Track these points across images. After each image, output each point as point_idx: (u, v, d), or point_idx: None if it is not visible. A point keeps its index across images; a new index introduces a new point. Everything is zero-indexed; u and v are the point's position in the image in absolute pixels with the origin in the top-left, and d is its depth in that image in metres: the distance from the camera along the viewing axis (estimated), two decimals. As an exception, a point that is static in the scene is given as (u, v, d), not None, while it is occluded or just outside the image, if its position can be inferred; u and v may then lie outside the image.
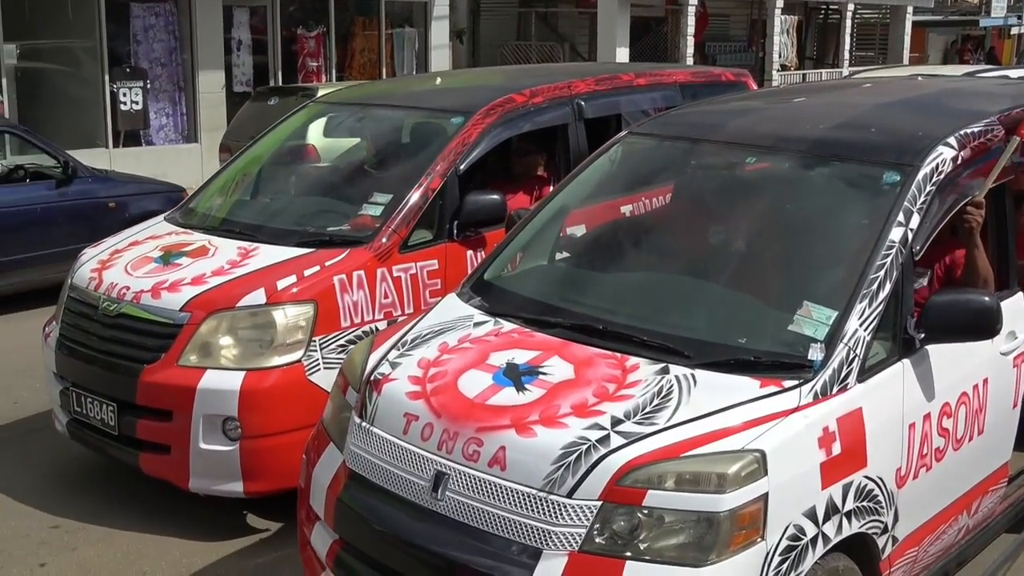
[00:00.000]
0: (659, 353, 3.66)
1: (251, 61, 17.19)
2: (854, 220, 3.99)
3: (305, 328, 5.09)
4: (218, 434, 5.02)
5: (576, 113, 6.38)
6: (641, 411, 3.38)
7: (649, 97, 6.72)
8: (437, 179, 5.67)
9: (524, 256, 4.63)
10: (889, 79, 6.67)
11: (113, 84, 15.25)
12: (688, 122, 4.83)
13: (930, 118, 4.46)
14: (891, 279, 3.72)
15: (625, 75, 6.95)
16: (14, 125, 11.16)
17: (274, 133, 6.93)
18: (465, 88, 6.94)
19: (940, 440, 3.92)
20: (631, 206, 4.80)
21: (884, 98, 4.98)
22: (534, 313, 4.02)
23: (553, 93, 6.35)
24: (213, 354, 5.09)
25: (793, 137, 4.34)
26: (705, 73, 7.67)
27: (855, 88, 5.76)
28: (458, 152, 5.77)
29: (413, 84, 7.82)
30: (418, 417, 3.57)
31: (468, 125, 5.87)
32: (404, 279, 5.46)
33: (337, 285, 5.23)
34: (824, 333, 3.60)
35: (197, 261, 5.49)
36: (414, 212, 5.57)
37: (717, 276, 4.10)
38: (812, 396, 3.45)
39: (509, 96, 6.15)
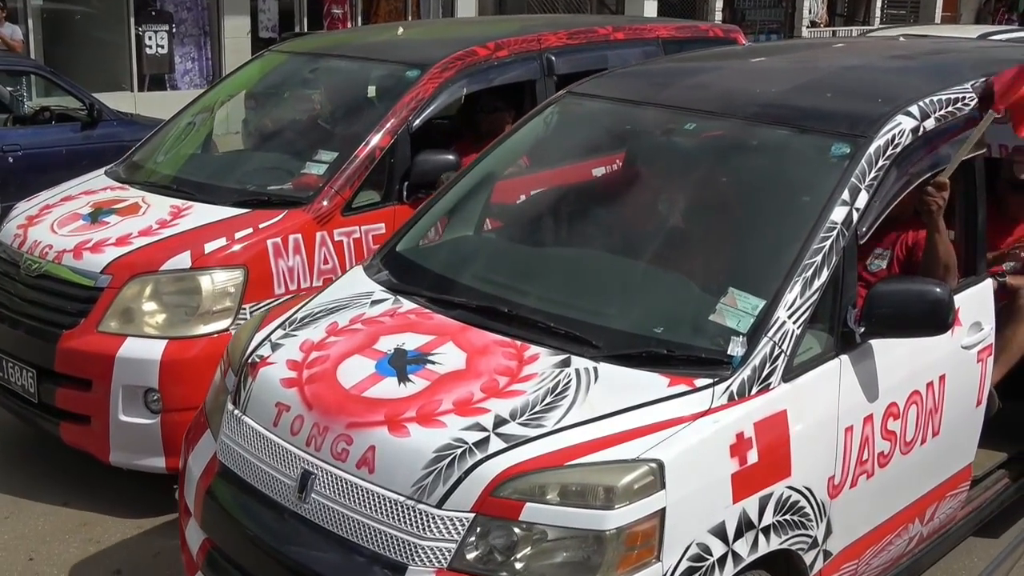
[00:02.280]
0: (566, 342, 3.28)
1: (277, 7, 16.94)
2: (795, 197, 3.57)
3: (234, 295, 4.76)
4: (139, 406, 4.71)
5: (545, 68, 5.95)
6: (529, 410, 3.01)
7: (627, 53, 6.23)
8: (387, 136, 5.28)
9: (449, 225, 4.23)
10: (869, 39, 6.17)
11: (139, 27, 15.15)
12: (631, 82, 4.39)
13: (895, 83, 4.01)
14: (829, 265, 3.31)
15: (602, 28, 6.49)
16: (40, 66, 11.07)
17: (228, 82, 6.54)
18: (427, 40, 6.49)
19: (885, 444, 3.52)
20: (560, 174, 4.38)
21: (852, 60, 4.52)
22: (439, 291, 3.64)
23: (520, 47, 5.92)
24: (135, 320, 4.77)
25: (739, 102, 3.91)
26: (691, 28, 7.17)
27: (825, 48, 5.30)
28: (412, 108, 5.38)
29: (375, 34, 7.36)
30: (290, 407, 3.22)
31: (424, 79, 5.47)
32: (346, 243, 5.09)
33: (271, 249, 4.87)
34: (748, 325, 3.21)
35: (125, 220, 5.14)
36: (359, 172, 5.18)
37: (641, 257, 3.69)
38: (727, 397, 3.06)
39: (471, 49, 5.73)
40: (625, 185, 4.08)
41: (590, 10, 22.30)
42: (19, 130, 9.38)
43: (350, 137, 5.39)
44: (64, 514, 4.90)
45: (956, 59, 4.56)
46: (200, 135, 6.15)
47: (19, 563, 4.52)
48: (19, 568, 4.49)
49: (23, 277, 5.07)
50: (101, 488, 5.06)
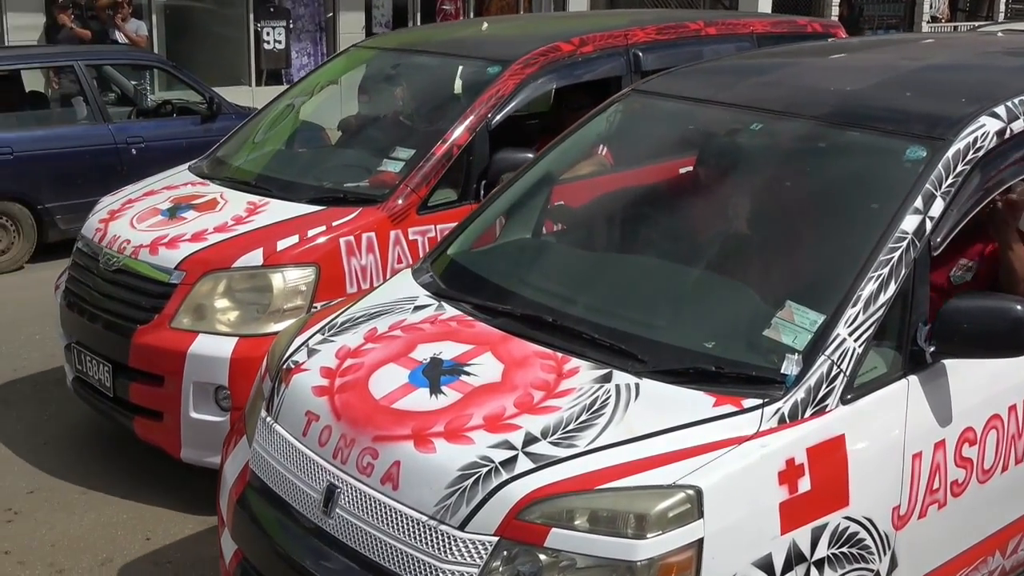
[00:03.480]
0: (610, 356, 3.10)
1: (391, 3, 17.04)
2: (864, 204, 3.32)
3: (305, 293, 4.70)
4: (210, 403, 4.69)
5: (632, 64, 5.77)
6: (563, 428, 2.84)
7: (720, 49, 6.01)
8: (466, 134, 5.16)
9: (505, 228, 4.08)
10: (965, 35, 5.81)
11: (257, 23, 15.37)
12: (699, 79, 4.17)
13: (982, 82, 3.72)
14: (897, 278, 3.06)
15: (693, 24, 6.26)
16: (163, 60, 11.34)
17: (313, 78, 6.50)
18: (511, 36, 6.37)
19: (959, 472, 3.25)
20: (621, 176, 4.18)
21: (939, 57, 4.22)
22: (484, 298, 3.49)
23: (606, 42, 5.75)
24: (207, 317, 4.75)
25: (810, 101, 3.67)
26: (788, 23, 6.89)
27: (914, 44, 4.98)
28: (491, 105, 5.25)
29: (459, 30, 7.27)
30: (319, 417, 3.11)
31: (505, 75, 5.34)
32: (421, 242, 4.99)
33: (343, 247, 4.80)
34: (805, 342, 2.98)
35: (203, 215, 5.13)
36: (436, 169, 5.09)
37: (698, 265, 3.48)
38: (777, 420, 2.84)
39: (555, 45, 5.58)
40: (685, 189, 3.87)
41: (703, 5, 21.96)
42: (142, 123, 9.61)
43: (428, 134, 5.31)
44: (127, 508, 4.91)
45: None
46: (282, 131, 6.12)
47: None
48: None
49: (101, 271, 5.10)
50: (167, 484, 5.07)
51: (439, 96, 5.83)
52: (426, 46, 6.32)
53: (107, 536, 4.68)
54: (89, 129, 9.08)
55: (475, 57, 5.71)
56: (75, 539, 4.66)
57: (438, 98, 5.83)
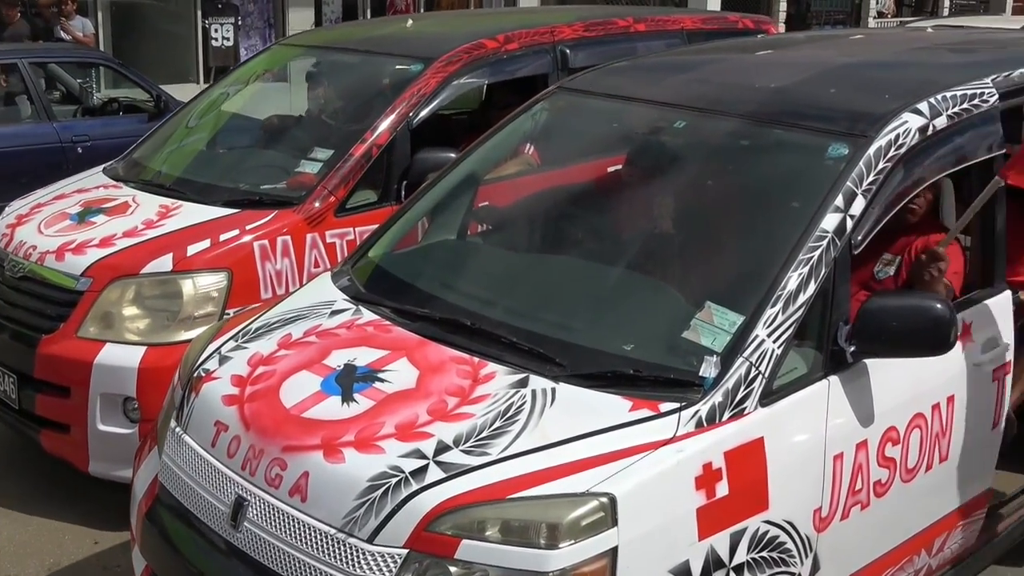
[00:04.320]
0: (528, 360, 3.03)
1: (341, 1, 16.90)
2: (785, 203, 3.28)
3: (217, 299, 4.56)
4: (118, 415, 4.53)
5: (559, 62, 5.67)
6: (476, 435, 2.77)
7: (649, 46, 5.93)
8: (385, 133, 5.05)
9: (429, 229, 4.00)
10: (893, 31, 5.82)
11: (205, 20, 15.21)
12: (625, 77, 4.11)
13: (906, 78, 3.69)
14: (817, 278, 3.02)
15: (622, 20, 6.19)
16: (109, 58, 11.13)
17: (234, 76, 6.35)
18: (435, 33, 6.25)
19: (882, 472, 3.22)
20: (546, 175, 4.12)
21: (866, 53, 4.20)
22: (403, 302, 3.41)
23: (532, 39, 5.65)
24: (115, 326, 4.59)
25: (734, 98, 3.62)
26: (719, 19, 6.86)
27: (843, 40, 4.96)
28: (413, 103, 5.14)
29: (383, 27, 7.11)
30: (228, 427, 3.02)
31: (427, 73, 5.22)
32: (339, 246, 4.86)
33: (257, 251, 4.66)
34: (724, 344, 2.94)
35: (113, 220, 4.96)
36: (355, 170, 4.95)
37: (620, 266, 3.43)
38: (694, 424, 2.79)
39: (479, 42, 5.48)
40: (609, 188, 3.81)
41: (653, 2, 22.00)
42: (88, 121, 9.39)
43: (348, 134, 5.18)
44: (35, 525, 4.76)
45: (980, 52, 4.22)
46: (200, 131, 5.95)
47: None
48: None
49: (6, 278, 4.93)
50: (75, 499, 4.91)
51: (360, 95, 5.73)
52: (349, 44, 6.20)
53: (54, 541, 4.55)
54: (34, 128, 8.87)
55: (397, 55, 5.59)
56: (21, 544, 4.53)
57: (359, 97, 5.73)
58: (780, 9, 21.81)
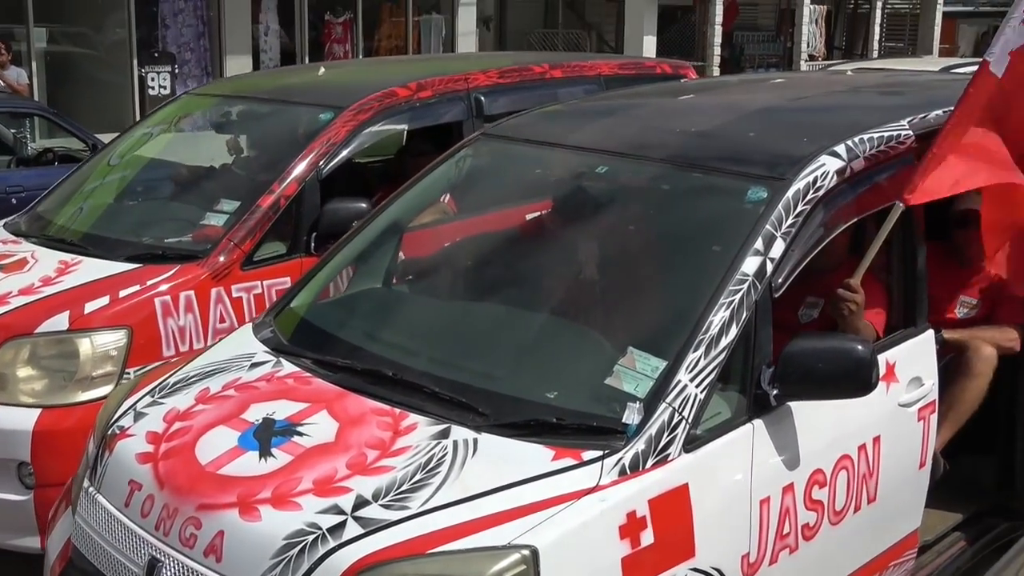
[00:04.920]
0: (450, 410, 2.98)
1: (279, 46, 16.92)
2: (705, 247, 3.28)
3: (117, 358, 4.39)
4: (12, 480, 4.31)
5: (473, 109, 5.64)
6: (395, 490, 2.71)
7: (566, 92, 5.88)
8: (294, 184, 4.94)
9: (352, 278, 3.95)
10: (815, 74, 5.91)
11: (141, 68, 14.97)
12: (547, 122, 4.12)
13: (824, 121, 3.73)
14: (739, 321, 3.01)
15: (537, 67, 6.18)
16: (43, 107, 11.05)
17: (141, 127, 6.17)
18: (347, 81, 6.18)
19: (810, 515, 3.20)
20: (470, 222, 4.09)
21: (786, 97, 4.24)
22: (324, 352, 3.35)
23: (446, 87, 5.61)
24: (8, 387, 4.39)
25: (655, 142, 3.63)
26: (636, 64, 6.87)
27: (763, 84, 5.01)
28: (322, 153, 5.04)
29: (294, 75, 6.98)
30: (141, 486, 2.93)
31: (337, 122, 5.14)
32: (246, 300, 4.74)
33: (159, 308, 4.51)
34: (647, 389, 2.91)
35: (9, 277, 4.75)
36: (262, 222, 4.82)
37: (543, 313, 3.40)
38: (617, 472, 2.76)
39: (391, 90, 5.41)
40: (533, 235, 3.80)
41: (589, 48, 22.29)
42: (23, 171, 9.29)
43: (255, 185, 5.06)
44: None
45: (897, 94, 4.28)
46: (105, 184, 5.77)
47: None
48: None
49: None
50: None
51: (269, 145, 5.62)
52: (259, 92, 6.10)
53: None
54: None
55: (307, 104, 5.51)
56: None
57: (268, 147, 5.63)
58: (715, 53, 22.20)
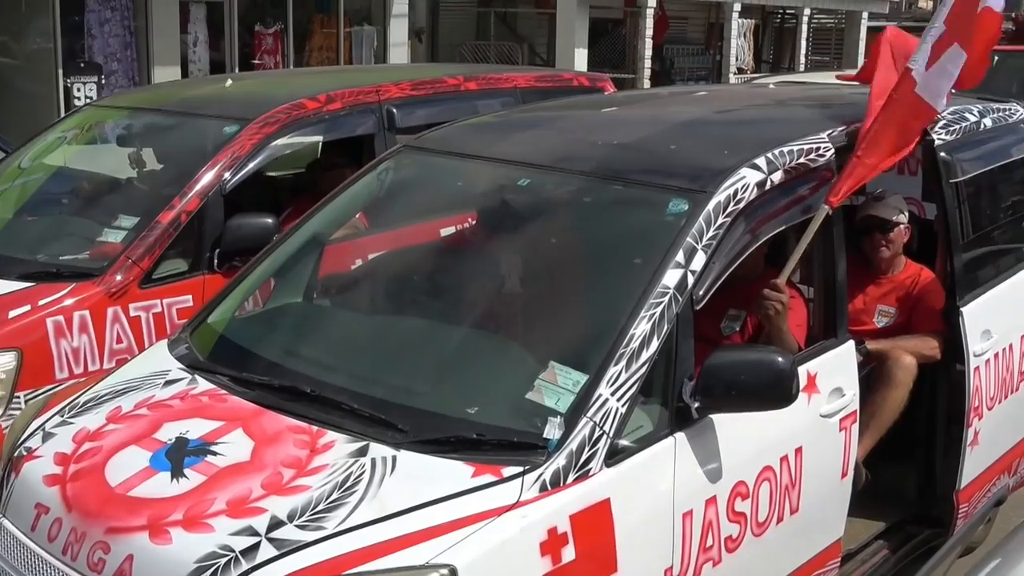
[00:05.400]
0: (369, 426, 2.93)
1: (208, 57, 16.52)
2: (627, 260, 3.27)
3: (6, 381, 4.23)
4: None
5: (385, 122, 5.53)
6: (311, 509, 2.65)
7: (481, 104, 5.86)
8: (196, 199, 4.80)
9: (272, 293, 3.88)
10: (736, 87, 5.95)
11: (67, 79, 14.64)
12: (469, 134, 4.09)
13: (745, 134, 3.75)
14: (660, 334, 3.00)
15: (451, 79, 6.12)
16: None
17: (41, 140, 5.99)
18: (254, 92, 6.04)
19: (733, 527, 3.20)
20: (392, 235, 4.05)
21: (708, 110, 4.26)
22: (241, 369, 3.28)
23: (356, 99, 5.51)
24: None
25: (577, 155, 3.62)
26: (553, 77, 6.83)
27: (685, 97, 5.04)
28: (226, 167, 4.92)
29: (199, 87, 6.84)
30: (49, 509, 2.84)
31: (242, 135, 5.01)
32: (145, 319, 4.59)
33: (51, 328, 4.35)
34: (568, 404, 2.89)
35: None
36: (162, 239, 4.67)
37: (464, 328, 3.37)
38: (538, 488, 2.72)
39: (299, 102, 5.29)
40: (455, 248, 3.77)
41: (521, 60, 22.34)
42: None
43: (156, 200, 4.92)
44: None
45: (818, 107, 4.31)
46: (4, 197, 5.59)
47: None
48: None
49: None
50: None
51: (172, 158, 5.48)
52: (163, 105, 5.92)
53: None
54: None
55: (212, 116, 5.37)
56: None
57: (171, 161, 5.48)
58: (645, 66, 22.33)
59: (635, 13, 22.54)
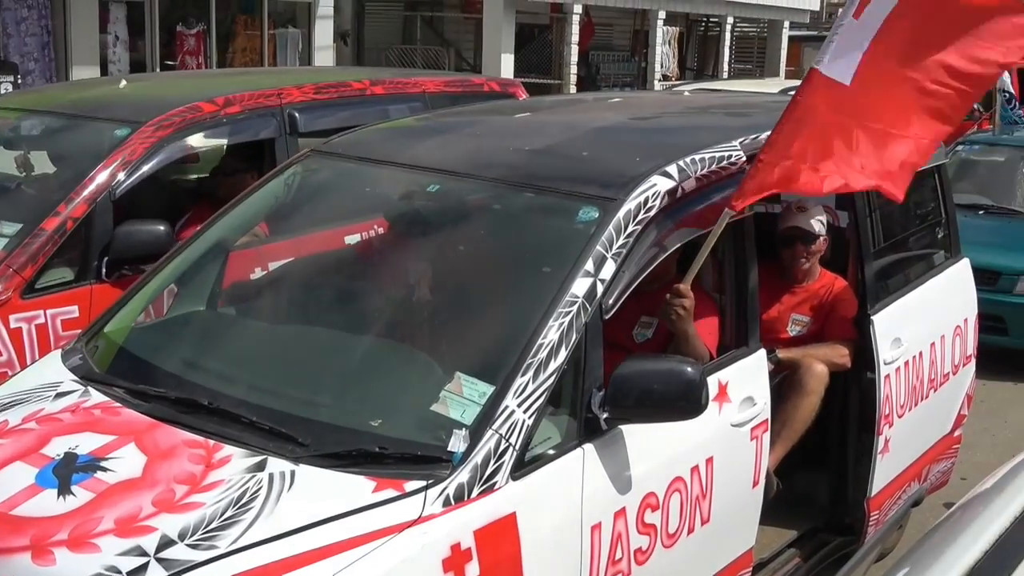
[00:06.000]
0: (268, 440, 2.83)
1: (128, 58, 16.27)
2: (536, 268, 3.21)
3: None
4: None
5: (286, 126, 5.39)
6: (204, 527, 2.55)
7: (388, 109, 5.78)
8: (83, 205, 4.62)
9: (175, 301, 3.75)
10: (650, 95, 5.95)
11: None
12: (378, 140, 4.00)
13: (657, 141, 3.72)
14: (568, 344, 2.94)
15: (357, 83, 5.99)
16: None
17: None
18: (149, 95, 5.83)
19: (643, 539, 3.16)
20: (300, 242, 3.94)
21: (621, 116, 4.22)
22: (138, 381, 3.16)
23: (256, 102, 5.36)
24: None
25: (488, 161, 3.55)
26: (463, 82, 6.74)
27: (599, 103, 5.01)
28: (117, 171, 4.75)
29: (92, 88, 6.50)
30: (-74, 531, 2.68)
31: (134, 138, 4.84)
32: (27, 331, 4.38)
33: None
34: (473, 416, 2.82)
35: None
36: (45, 246, 4.47)
37: (370, 337, 3.28)
38: (441, 503, 2.65)
39: (195, 105, 5.14)
40: (363, 256, 3.69)
41: (448, 64, 22.27)
42: None
43: (41, 205, 4.73)
44: None
45: (731, 115, 4.31)
46: None
47: None
48: None
49: None
50: None
51: (60, 162, 5.29)
52: (54, 106, 5.70)
53: None
54: None
55: (103, 119, 5.17)
56: None
57: (59, 164, 5.29)
58: (572, 72, 22.42)
59: (561, 19, 22.63)
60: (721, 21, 27.75)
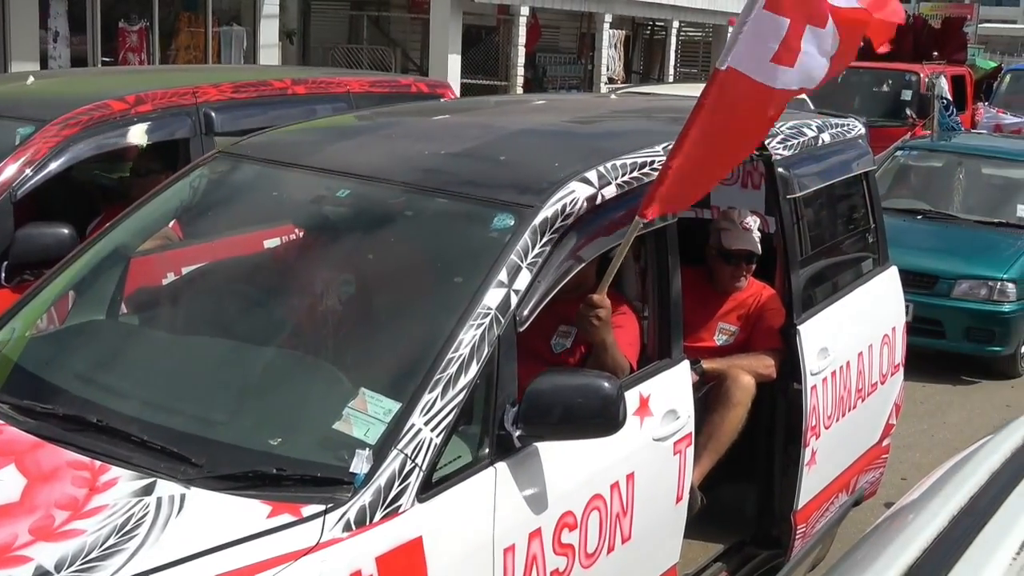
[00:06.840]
0: (159, 460, 2.67)
1: (69, 54, 15.77)
2: (448, 278, 3.08)
3: None
4: None
5: (202, 126, 5.21)
6: (83, 557, 2.38)
7: (310, 109, 5.60)
8: None
9: (71, 310, 3.56)
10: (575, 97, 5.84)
11: (-85, 74, 13.80)
12: (289, 141, 3.83)
13: (578, 146, 3.60)
14: (479, 358, 2.81)
15: (278, 82, 5.81)
16: None
17: None
18: (56, 92, 5.61)
19: (560, 560, 3.04)
20: (205, 248, 3.77)
21: (541, 120, 4.10)
22: (22, 396, 2.97)
23: (169, 101, 5.17)
24: None
25: (401, 165, 3.41)
26: (390, 82, 6.59)
27: (520, 106, 4.88)
28: (18, 171, 4.53)
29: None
30: None
31: (37, 138, 4.63)
32: None
33: None
34: (378, 435, 2.68)
35: None
36: None
37: (272, 350, 3.12)
38: (342, 528, 2.51)
39: (104, 103, 4.94)
40: (267, 264, 3.52)
41: (395, 64, 22.10)
42: None
43: None
44: None
45: (656, 119, 4.20)
46: None
47: None
48: None
49: None
50: None
51: None
52: None
53: None
54: None
55: (5, 116, 4.95)
56: None
57: None
58: (518, 74, 22.37)
59: (508, 21, 22.61)
60: (667, 25, 27.95)
